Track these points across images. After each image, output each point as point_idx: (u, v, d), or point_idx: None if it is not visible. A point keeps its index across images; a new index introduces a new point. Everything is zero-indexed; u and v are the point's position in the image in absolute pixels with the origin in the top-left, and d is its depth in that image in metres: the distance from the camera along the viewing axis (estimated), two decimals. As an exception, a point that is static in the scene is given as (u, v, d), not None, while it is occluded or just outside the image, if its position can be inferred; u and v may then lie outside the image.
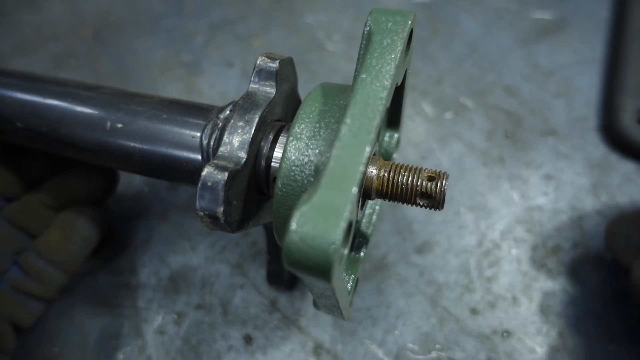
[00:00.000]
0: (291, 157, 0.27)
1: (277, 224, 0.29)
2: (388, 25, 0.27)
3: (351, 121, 0.24)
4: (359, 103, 0.25)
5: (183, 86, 0.59)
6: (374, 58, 0.26)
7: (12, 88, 0.37)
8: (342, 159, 0.23)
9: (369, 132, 0.24)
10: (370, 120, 0.24)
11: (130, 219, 0.49)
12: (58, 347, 0.42)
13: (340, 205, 0.21)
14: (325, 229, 0.20)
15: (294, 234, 0.21)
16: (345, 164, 0.23)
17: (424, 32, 0.61)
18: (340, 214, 0.21)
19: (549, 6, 0.62)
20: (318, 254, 0.20)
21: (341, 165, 0.23)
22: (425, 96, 0.55)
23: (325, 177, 0.22)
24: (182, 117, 0.33)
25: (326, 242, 0.20)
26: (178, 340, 0.42)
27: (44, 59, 0.63)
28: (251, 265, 0.45)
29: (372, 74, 0.26)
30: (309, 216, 0.21)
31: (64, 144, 0.36)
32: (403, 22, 0.27)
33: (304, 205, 0.21)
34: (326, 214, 0.21)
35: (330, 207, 0.21)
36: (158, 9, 0.67)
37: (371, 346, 0.41)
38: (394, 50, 0.26)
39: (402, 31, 0.27)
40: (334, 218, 0.21)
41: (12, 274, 0.38)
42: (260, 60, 0.31)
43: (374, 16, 0.28)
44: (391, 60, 0.26)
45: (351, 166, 0.23)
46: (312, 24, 0.63)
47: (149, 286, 0.45)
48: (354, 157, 0.23)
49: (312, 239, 0.20)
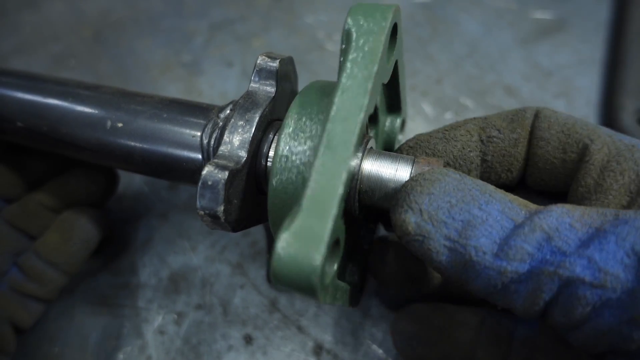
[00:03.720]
0: (282, 152, 0.28)
1: (272, 218, 0.29)
2: (367, 25, 0.26)
3: (327, 140, 0.23)
4: (337, 119, 0.24)
5: (183, 86, 0.59)
6: (353, 63, 0.25)
7: (12, 87, 0.37)
8: (320, 180, 0.22)
9: (348, 148, 0.23)
10: (349, 132, 0.23)
11: (130, 219, 0.49)
12: (58, 347, 0.42)
13: (319, 230, 0.21)
14: (306, 256, 0.21)
15: (277, 261, 0.21)
16: (324, 185, 0.22)
17: (424, 32, 0.61)
18: (320, 240, 0.21)
19: (549, 6, 0.62)
20: (302, 279, 0.21)
21: (320, 187, 0.22)
22: (425, 96, 0.55)
23: (305, 201, 0.22)
24: (182, 116, 0.33)
25: (308, 269, 0.21)
26: (178, 340, 0.42)
27: (44, 59, 0.63)
28: (251, 265, 0.45)
29: (350, 81, 0.25)
30: (291, 242, 0.21)
31: (64, 143, 0.36)
32: (383, 20, 0.26)
33: (286, 232, 0.21)
34: (307, 241, 0.21)
35: (310, 232, 0.21)
36: (158, 9, 0.67)
37: (371, 346, 0.41)
38: (374, 52, 0.25)
39: (381, 31, 0.26)
40: (314, 244, 0.21)
41: (12, 275, 0.38)
42: (260, 59, 0.31)
43: (353, 16, 0.26)
44: (371, 63, 0.25)
45: (330, 188, 0.22)
46: (312, 24, 0.63)
47: (149, 286, 0.45)
48: (332, 178, 0.22)
49: (294, 265, 0.21)
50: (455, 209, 0.23)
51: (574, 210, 0.23)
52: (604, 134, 0.29)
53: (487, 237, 0.22)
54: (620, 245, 0.20)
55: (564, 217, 0.22)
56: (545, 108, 0.32)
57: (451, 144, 0.32)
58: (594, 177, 0.28)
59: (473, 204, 0.23)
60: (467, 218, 0.22)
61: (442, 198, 0.23)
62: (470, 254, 0.22)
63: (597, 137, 0.29)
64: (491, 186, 0.24)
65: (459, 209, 0.23)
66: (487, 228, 0.22)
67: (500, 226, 0.22)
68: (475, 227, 0.22)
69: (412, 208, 0.23)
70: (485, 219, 0.22)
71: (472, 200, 0.23)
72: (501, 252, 0.22)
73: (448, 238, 0.23)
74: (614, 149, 0.28)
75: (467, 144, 0.32)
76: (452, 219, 0.23)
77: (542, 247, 0.21)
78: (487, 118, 0.33)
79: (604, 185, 0.28)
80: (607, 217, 0.22)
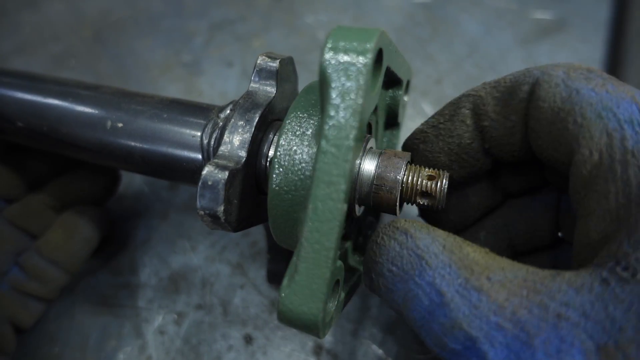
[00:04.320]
0: (282, 152, 0.28)
1: (272, 218, 0.29)
2: (345, 62, 0.23)
3: (313, 206, 0.23)
4: (321, 181, 0.23)
5: (183, 86, 0.59)
6: (335, 109, 0.23)
7: (12, 88, 0.37)
8: (314, 243, 0.24)
9: (335, 216, 0.23)
10: (336, 197, 0.23)
11: (130, 219, 0.49)
12: (58, 347, 0.42)
13: (317, 287, 0.23)
14: (308, 308, 0.24)
15: (283, 309, 0.24)
16: (317, 248, 0.24)
17: (424, 32, 0.61)
18: (319, 297, 0.23)
19: (549, 6, 0.62)
20: (306, 324, 0.24)
21: (313, 250, 0.24)
22: (425, 96, 0.55)
23: (301, 262, 0.24)
24: (182, 116, 0.33)
25: (310, 318, 0.24)
26: (178, 340, 0.42)
27: (44, 59, 0.63)
28: (251, 265, 0.45)
29: (333, 135, 0.23)
30: (292, 298, 0.24)
31: (64, 143, 0.36)
32: (362, 55, 0.23)
33: (287, 288, 0.24)
34: (307, 296, 0.24)
35: (309, 289, 0.24)
36: (158, 9, 0.67)
37: (371, 346, 0.41)
38: (354, 91, 0.23)
39: (362, 67, 0.23)
40: (314, 299, 0.23)
41: (13, 275, 0.38)
42: (260, 59, 0.31)
43: (329, 54, 0.24)
44: (355, 105, 0.23)
45: (323, 252, 0.23)
46: (312, 24, 0.63)
47: (149, 286, 0.45)
48: (325, 241, 0.23)
49: (298, 314, 0.24)
50: (397, 279, 0.25)
51: (505, 306, 0.21)
52: (599, 133, 0.23)
53: (417, 312, 0.24)
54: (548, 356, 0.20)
55: (490, 315, 0.21)
56: (544, 79, 0.26)
57: (448, 140, 0.30)
58: (576, 197, 0.24)
59: (411, 273, 0.24)
60: (405, 289, 0.24)
61: (386, 266, 0.25)
62: (410, 323, 0.24)
63: (589, 139, 0.23)
64: (438, 243, 0.24)
65: (399, 279, 0.25)
66: (418, 303, 0.24)
67: (428, 301, 0.23)
68: (409, 300, 0.24)
69: (367, 272, 0.27)
70: (416, 293, 0.24)
71: (411, 268, 0.24)
72: (428, 329, 0.23)
73: (394, 302, 0.25)
74: (606, 158, 0.22)
75: (464, 137, 0.29)
76: (395, 288, 0.25)
77: (466, 346, 0.22)
78: (480, 97, 0.29)
79: (587, 207, 0.23)
80: (546, 316, 0.21)
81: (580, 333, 0.20)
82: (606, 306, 0.20)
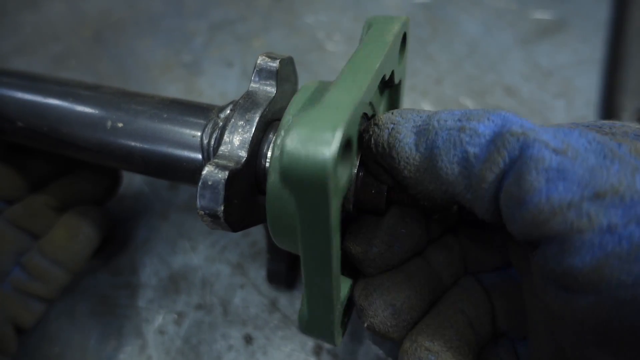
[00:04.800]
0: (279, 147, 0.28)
1: (271, 218, 0.29)
2: (384, 22, 0.30)
3: (342, 76, 0.24)
4: (352, 66, 0.25)
5: (183, 86, 0.59)
6: (371, 40, 0.28)
7: (12, 88, 0.37)
8: (341, 88, 0.23)
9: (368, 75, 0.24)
10: (366, 70, 0.25)
11: (130, 219, 0.49)
12: (58, 347, 0.42)
13: (334, 119, 0.19)
14: (320, 139, 0.19)
15: (288, 145, 0.19)
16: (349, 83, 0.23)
17: (424, 32, 0.61)
18: (336, 124, 0.19)
19: (549, 6, 0.62)
20: (313, 169, 0.18)
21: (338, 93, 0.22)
22: (425, 96, 0.55)
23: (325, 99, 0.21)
24: (182, 116, 0.33)
25: (320, 155, 0.18)
26: (178, 340, 0.42)
27: (45, 59, 0.63)
28: (251, 265, 0.45)
29: (366, 50, 0.27)
30: (303, 126, 0.19)
31: (64, 143, 0.36)
32: (397, 21, 0.30)
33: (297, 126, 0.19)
34: (318, 130, 0.19)
35: (323, 122, 0.19)
36: (158, 9, 0.67)
37: (371, 346, 0.41)
38: (388, 34, 0.28)
39: (396, 26, 0.29)
40: (325, 136, 0.18)
41: (15, 275, 0.38)
42: (260, 59, 0.31)
43: (371, 19, 0.31)
44: (385, 43, 0.27)
45: (358, 82, 0.23)
46: (312, 24, 0.63)
47: (150, 286, 0.45)
48: (359, 77, 0.24)
49: (305, 153, 0.18)
50: (422, 112, 0.25)
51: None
52: None
53: (449, 113, 0.24)
54: (583, 135, 0.21)
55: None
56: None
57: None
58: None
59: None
60: (430, 114, 0.25)
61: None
62: (434, 125, 0.24)
63: None
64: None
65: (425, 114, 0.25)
66: (447, 112, 0.24)
67: (460, 111, 0.24)
68: (437, 114, 0.24)
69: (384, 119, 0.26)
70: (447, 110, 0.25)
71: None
72: (463, 117, 0.23)
73: (415, 125, 0.24)
74: None
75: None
76: (418, 116, 0.25)
77: (506, 117, 0.22)
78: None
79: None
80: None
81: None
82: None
